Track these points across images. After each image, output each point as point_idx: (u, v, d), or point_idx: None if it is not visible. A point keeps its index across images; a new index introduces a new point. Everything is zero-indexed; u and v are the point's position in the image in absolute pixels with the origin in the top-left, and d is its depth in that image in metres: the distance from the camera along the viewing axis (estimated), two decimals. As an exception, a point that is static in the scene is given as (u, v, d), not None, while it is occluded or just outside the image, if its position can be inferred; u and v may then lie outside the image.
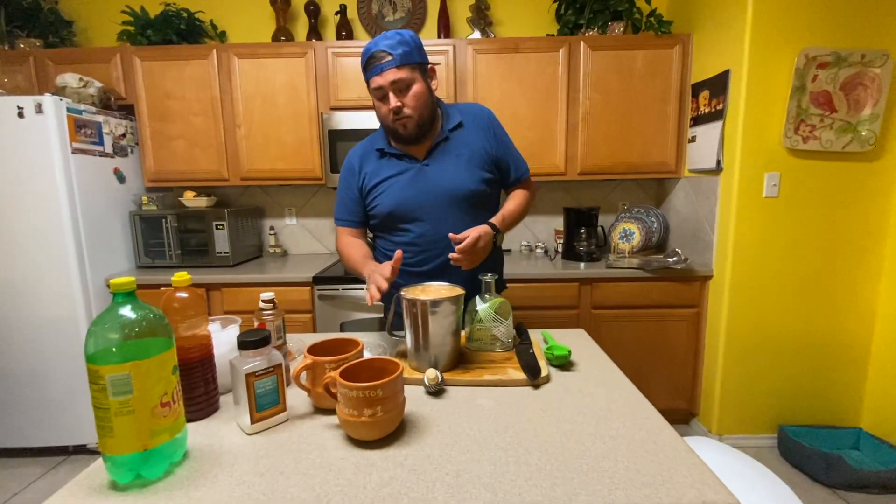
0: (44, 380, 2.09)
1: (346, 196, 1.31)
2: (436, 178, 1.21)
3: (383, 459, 0.65)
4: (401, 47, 1.11)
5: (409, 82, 1.13)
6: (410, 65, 1.13)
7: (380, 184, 1.24)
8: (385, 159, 1.26)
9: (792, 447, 1.98)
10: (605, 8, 2.34)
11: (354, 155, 1.31)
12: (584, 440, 0.70)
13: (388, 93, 1.13)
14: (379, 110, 1.18)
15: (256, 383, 0.72)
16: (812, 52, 1.83)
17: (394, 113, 1.14)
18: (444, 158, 1.23)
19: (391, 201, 1.23)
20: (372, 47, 1.12)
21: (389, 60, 1.10)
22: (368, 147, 1.30)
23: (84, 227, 2.07)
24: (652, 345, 2.23)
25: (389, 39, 1.11)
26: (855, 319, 2.05)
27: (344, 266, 1.32)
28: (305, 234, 2.81)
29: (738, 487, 1.01)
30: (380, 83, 1.12)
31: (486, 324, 1.03)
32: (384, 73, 1.11)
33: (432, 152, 1.23)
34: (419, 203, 1.21)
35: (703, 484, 0.59)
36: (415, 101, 1.15)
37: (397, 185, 1.23)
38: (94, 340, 0.58)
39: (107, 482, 0.61)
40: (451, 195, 1.21)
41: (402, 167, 1.24)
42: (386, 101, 1.14)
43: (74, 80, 2.13)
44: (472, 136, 1.25)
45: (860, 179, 1.95)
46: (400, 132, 1.18)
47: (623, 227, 2.48)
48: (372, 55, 1.11)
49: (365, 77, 1.15)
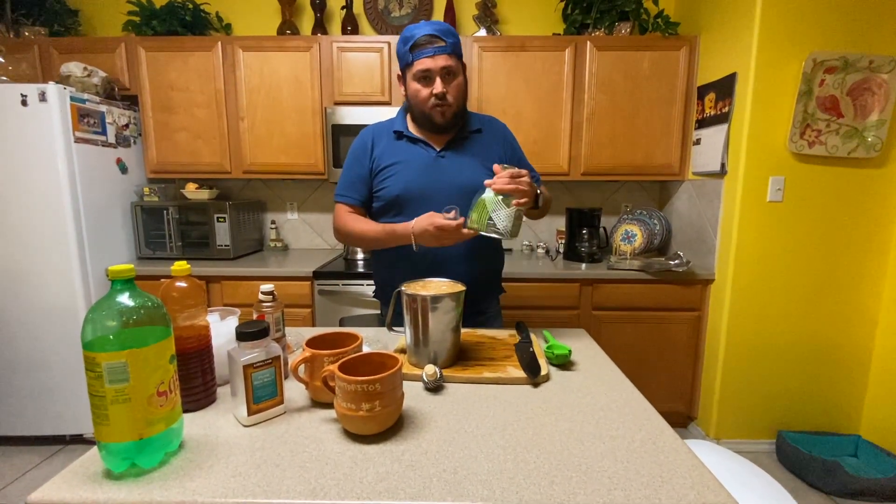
0: (42, 369, 2.09)
1: (354, 174, 1.27)
2: (450, 169, 1.21)
3: (380, 454, 0.65)
4: (451, 37, 1.13)
5: (456, 72, 1.15)
6: (457, 56, 1.15)
7: (391, 166, 1.22)
8: (401, 142, 1.24)
9: (790, 453, 1.98)
10: (612, 8, 2.33)
11: (368, 133, 1.28)
12: (583, 440, 0.69)
13: (435, 77, 1.13)
14: (418, 93, 1.16)
15: (254, 375, 0.71)
16: (820, 56, 1.82)
17: (437, 97, 1.14)
18: (460, 154, 1.23)
19: (401, 185, 1.20)
20: (423, 29, 1.12)
21: (443, 46, 1.11)
22: (383, 129, 1.28)
23: (85, 217, 2.06)
24: (652, 347, 2.22)
25: (440, 27, 1.12)
26: (856, 326, 2.04)
27: (350, 240, 1.26)
28: (306, 229, 2.81)
29: (736, 490, 1.01)
30: (429, 66, 1.12)
31: (487, 205, 1.00)
32: (436, 57, 1.11)
33: (450, 145, 1.24)
34: (429, 191, 1.20)
35: (702, 486, 0.58)
36: (456, 91, 1.17)
37: (409, 170, 1.21)
38: (91, 327, 0.57)
39: (101, 471, 0.61)
40: (462, 189, 1.19)
41: (417, 153, 1.23)
42: (428, 83, 1.14)
43: (79, 69, 2.12)
44: (488, 142, 1.27)
45: (865, 185, 1.94)
46: (436, 119, 1.18)
47: (625, 228, 2.47)
48: (424, 37, 1.11)
49: (408, 57, 1.14)
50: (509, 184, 0.99)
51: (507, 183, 0.99)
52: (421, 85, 1.15)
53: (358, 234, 1.22)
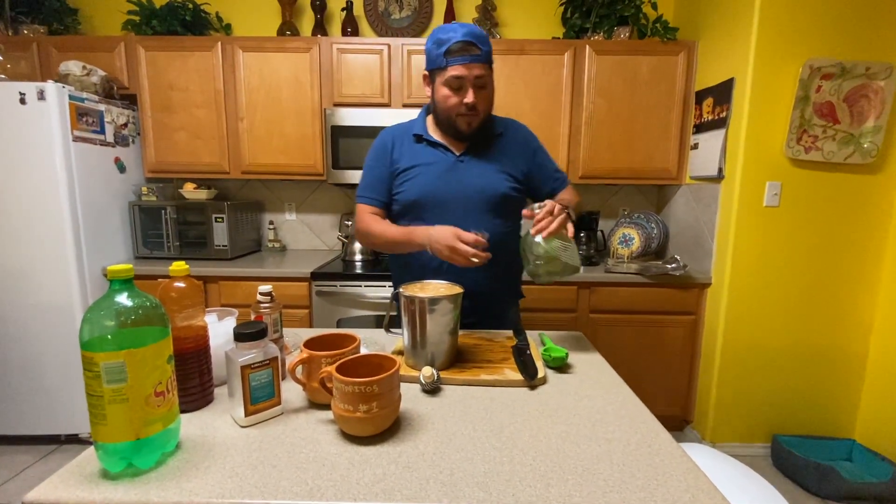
0: (37, 368, 2.08)
1: (375, 175, 1.25)
2: (469, 174, 1.20)
3: (377, 456, 0.65)
4: (486, 45, 1.10)
5: (486, 81, 1.13)
6: (490, 65, 1.13)
7: (410, 169, 1.21)
8: (420, 145, 1.23)
9: (785, 457, 1.98)
10: (612, 13, 2.34)
11: (387, 135, 1.27)
12: (579, 442, 0.69)
13: (468, 86, 1.11)
14: (447, 99, 1.14)
15: (252, 376, 0.71)
16: (817, 62, 1.83)
17: (466, 107, 1.12)
18: (480, 159, 1.21)
19: (419, 189, 1.19)
20: (459, 33, 1.08)
21: (478, 54, 1.08)
22: (404, 130, 1.27)
23: (83, 216, 2.06)
24: (648, 350, 2.23)
25: (477, 33, 1.09)
26: (852, 331, 2.05)
27: (371, 243, 1.24)
28: (305, 230, 2.81)
29: (731, 494, 1.01)
30: (464, 73, 1.09)
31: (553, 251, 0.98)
32: (471, 66, 1.09)
33: (470, 150, 1.22)
34: (447, 196, 1.18)
35: (697, 489, 0.59)
36: (486, 101, 1.15)
37: (428, 174, 1.20)
38: (89, 327, 0.57)
39: (98, 470, 0.61)
40: (481, 194, 1.19)
41: (436, 157, 1.21)
42: (460, 91, 1.12)
43: (78, 67, 2.12)
44: (509, 147, 1.25)
45: (861, 191, 1.95)
46: (461, 127, 1.16)
47: (623, 232, 2.48)
48: (460, 42, 1.07)
49: (441, 61, 1.10)
50: (553, 223, 0.98)
51: (551, 222, 0.98)
52: (451, 91, 1.13)
53: (377, 235, 1.21)
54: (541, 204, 1.04)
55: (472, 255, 0.99)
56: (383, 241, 1.20)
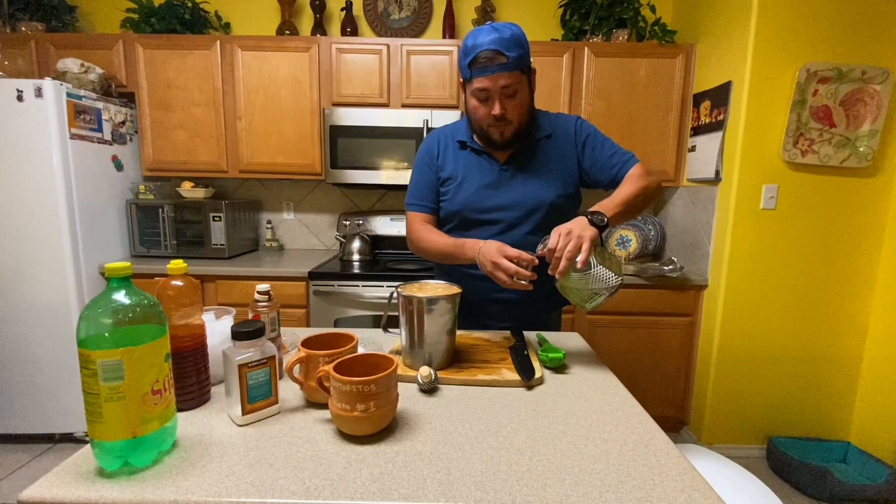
0: (32, 367, 2.07)
1: (422, 180, 1.22)
2: (512, 185, 1.15)
3: (374, 455, 0.65)
4: (516, 49, 1.02)
5: (517, 89, 1.05)
6: (522, 69, 1.04)
7: (454, 177, 1.18)
8: (465, 152, 1.19)
9: (780, 459, 1.99)
10: (611, 15, 2.35)
11: (433, 139, 1.24)
12: (576, 442, 0.70)
13: (494, 97, 1.05)
14: (476, 111, 1.10)
15: (249, 374, 0.71)
16: (813, 66, 1.84)
17: (495, 118, 1.07)
18: (526, 167, 1.16)
19: (462, 199, 1.16)
20: (485, 41, 1.01)
21: (504, 63, 1.01)
22: (449, 135, 1.22)
23: (79, 214, 2.05)
24: (645, 351, 2.23)
25: (503, 35, 1.01)
26: (847, 333, 2.06)
27: (422, 253, 1.20)
28: (303, 229, 2.80)
29: (727, 495, 1.01)
30: (487, 85, 1.03)
31: (576, 286, 0.91)
32: (496, 77, 1.02)
33: (514, 158, 1.16)
34: (490, 209, 1.15)
35: (693, 490, 0.59)
36: (519, 108, 1.08)
37: (471, 184, 1.16)
38: (86, 325, 0.57)
39: (94, 468, 0.60)
40: (526, 207, 1.14)
41: (480, 166, 1.17)
42: (488, 102, 1.06)
43: (75, 65, 2.11)
44: (559, 149, 1.17)
45: (856, 194, 1.96)
46: (495, 138, 1.11)
47: (620, 233, 2.49)
48: (484, 53, 1.01)
49: (467, 72, 1.05)
50: (560, 262, 0.90)
51: (559, 261, 0.90)
52: (479, 102, 1.08)
53: (428, 245, 1.18)
54: (544, 239, 0.95)
55: (513, 273, 0.94)
56: (434, 251, 1.17)
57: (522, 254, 0.96)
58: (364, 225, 2.61)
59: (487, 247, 1.01)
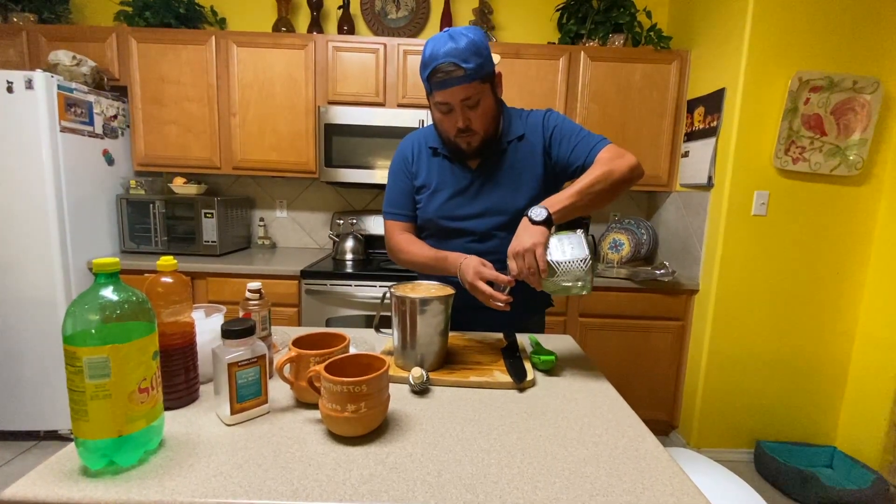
0: (17, 362, 2.04)
1: (399, 188, 1.20)
2: (481, 192, 1.13)
3: (364, 456, 0.65)
4: (474, 59, 0.96)
5: (479, 98, 1.02)
6: (482, 77, 1.00)
7: (427, 185, 1.16)
8: (437, 159, 1.17)
9: (768, 463, 2.01)
10: (607, 20, 2.36)
11: (406, 145, 1.22)
12: (566, 445, 0.70)
13: (456, 109, 1.02)
14: (441, 123, 1.08)
15: (238, 373, 0.70)
16: (806, 75, 1.86)
17: (459, 130, 1.05)
18: (497, 172, 1.13)
19: (434, 208, 1.15)
20: (439, 55, 0.96)
21: (460, 76, 0.96)
22: (421, 141, 1.20)
23: (69, 209, 2.02)
24: (636, 355, 2.24)
25: (458, 46, 0.96)
26: (835, 339, 2.09)
27: (403, 262, 1.19)
28: (296, 228, 2.79)
29: (715, 499, 1.02)
30: (447, 99, 1.00)
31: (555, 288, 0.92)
32: (454, 91, 0.98)
33: (483, 165, 1.13)
34: (463, 215, 1.14)
35: (682, 493, 0.59)
36: (483, 118, 1.05)
37: (443, 193, 1.15)
38: (72, 321, 0.56)
39: (78, 467, 0.59)
40: (498, 214, 1.12)
41: (453, 172, 1.15)
42: (451, 115, 1.04)
43: (67, 57, 2.09)
44: (530, 150, 1.13)
45: (846, 202, 1.99)
46: (462, 148, 1.09)
47: (613, 237, 2.50)
48: (439, 68, 0.97)
49: (426, 85, 1.03)
50: (531, 277, 0.89)
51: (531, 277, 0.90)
52: (442, 115, 1.06)
53: (408, 256, 1.16)
54: (508, 271, 0.94)
55: (489, 296, 0.94)
56: (416, 263, 1.16)
57: (499, 276, 0.95)
58: (357, 224, 2.60)
59: (467, 264, 1.00)
